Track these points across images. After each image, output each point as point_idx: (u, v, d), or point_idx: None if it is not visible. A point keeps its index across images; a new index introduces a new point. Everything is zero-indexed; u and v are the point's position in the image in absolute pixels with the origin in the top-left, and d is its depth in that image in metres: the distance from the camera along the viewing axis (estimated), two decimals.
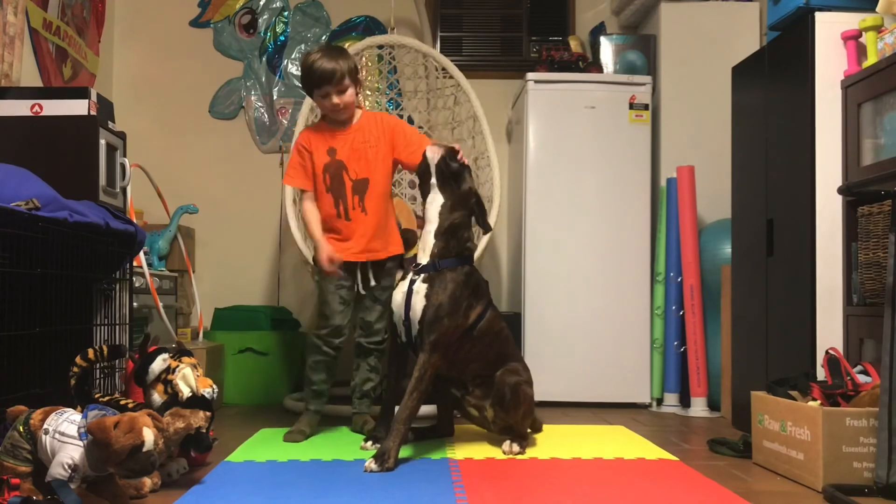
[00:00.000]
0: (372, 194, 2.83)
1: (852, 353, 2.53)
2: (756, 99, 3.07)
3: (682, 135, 3.90)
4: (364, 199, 2.83)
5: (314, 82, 2.76)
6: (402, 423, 2.43)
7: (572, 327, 3.79)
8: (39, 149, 2.73)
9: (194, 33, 4.51)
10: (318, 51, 2.79)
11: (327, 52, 2.78)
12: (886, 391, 2.01)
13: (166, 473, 2.12)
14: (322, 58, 2.74)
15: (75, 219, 2.29)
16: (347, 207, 2.82)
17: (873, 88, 2.48)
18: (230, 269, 4.41)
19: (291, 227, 3.51)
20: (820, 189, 2.65)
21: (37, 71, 3.49)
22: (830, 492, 2.04)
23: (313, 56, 2.76)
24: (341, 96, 2.76)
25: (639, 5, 4.17)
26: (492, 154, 3.80)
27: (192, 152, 4.46)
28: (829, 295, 2.63)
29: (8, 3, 3.11)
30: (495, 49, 4.55)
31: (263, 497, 2.00)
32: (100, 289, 2.68)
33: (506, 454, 2.54)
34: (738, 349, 3.20)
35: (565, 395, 3.68)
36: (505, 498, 2.01)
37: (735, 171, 3.24)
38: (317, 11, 4.54)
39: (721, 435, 2.84)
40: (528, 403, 2.67)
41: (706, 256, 3.66)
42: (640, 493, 2.07)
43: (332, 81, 2.73)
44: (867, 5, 2.65)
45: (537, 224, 3.83)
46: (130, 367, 2.44)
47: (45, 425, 1.80)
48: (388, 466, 2.31)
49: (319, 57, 2.75)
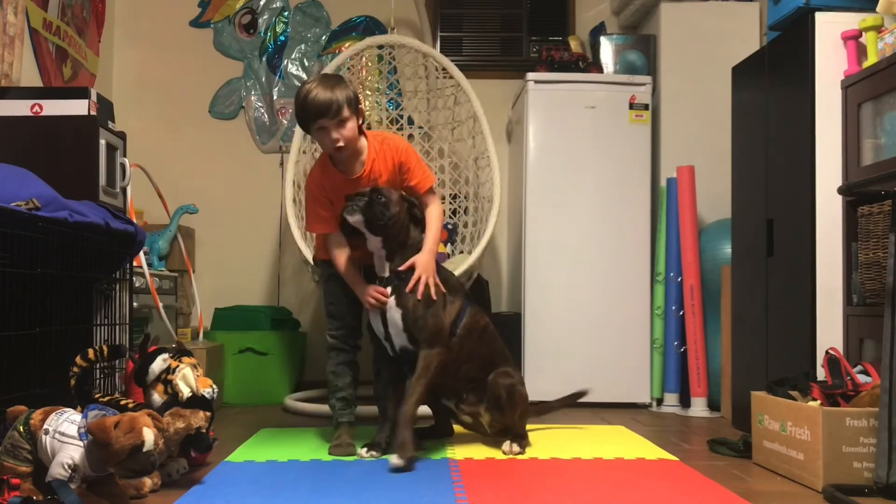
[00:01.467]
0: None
1: (852, 353, 2.53)
2: (756, 99, 3.07)
3: (682, 135, 3.90)
4: None
5: (310, 115, 2.47)
6: (411, 408, 2.43)
7: (572, 327, 3.79)
8: (39, 149, 2.73)
9: (194, 33, 4.51)
10: (313, 80, 2.53)
11: (323, 81, 2.50)
12: (886, 391, 2.01)
13: (166, 473, 2.12)
14: (317, 87, 2.47)
15: (75, 219, 2.29)
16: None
17: (873, 88, 2.48)
18: (230, 269, 4.41)
19: (291, 227, 3.50)
20: (820, 189, 2.65)
21: (37, 71, 3.49)
22: (830, 492, 2.04)
23: (308, 86, 2.49)
24: (340, 130, 2.47)
25: (639, 5, 4.16)
26: (492, 154, 3.80)
27: (192, 152, 4.46)
28: (829, 295, 2.63)
29: (8, 3, 3.11)
30: (495, 49, 4.55)
31: (263, 497, 2.00)
32: (100, 289, 2.68)
33: (506, 454, 2.54)
34: (738, 349, 3.20)
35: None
36: (505, 498, 2.01)
37: (735, 171, 3.24)
38: (317, 11, 4.54)
39: (721, 435, 2.84)
40: (524, 403, 2.67)
41: (706, 256, 3.66)
42: (640, 493, 2.07)
43: (328, 113, 2.45)
44: (867, 5, 2.65)
45: (537, 224, 3.83)
46: (130, 367, 2.43)
47: (45, 425, 1.80)
48: (410, 455, 2.34)
49: (314, 86, 2.47)
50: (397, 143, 2.68)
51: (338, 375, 2.72)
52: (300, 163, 3.78)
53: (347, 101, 2.48)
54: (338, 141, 2.49)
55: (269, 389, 3.82)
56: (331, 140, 2.49)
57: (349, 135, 2.50)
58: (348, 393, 2.72)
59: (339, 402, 2.72)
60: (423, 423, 2.97)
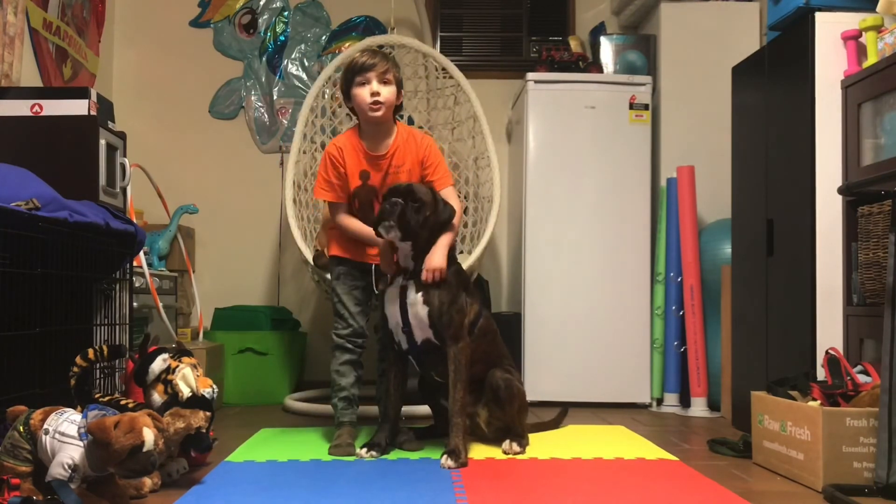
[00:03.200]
0: None
1: (852, 353, 2.53)
2: (756, 99, 3.07)
3: (682, 135, 3.90)
4: None
5: (356, 69, 2.60)
6: (458, 415, 2.46)
7: (572, 327, 3.79)
8: (39, 149, 2.73)
9: (194, 33, 4.51)
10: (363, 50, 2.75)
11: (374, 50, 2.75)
12: (886, 391, 2.01)
13: (166, 473, 2.12)
14: (368, 51, 2.69)
15: (75, 219, 2.29)
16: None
17: (873, 88, 2.48)
18: (230, 269, 4.41)
19: (291, 227, 3.50)
20: (820, 189, 2.65)
21: (37, 71, 3.49)
22: (830, 492, 2.04)
23: (358, 52, 2.71)
24: (382, 87, 2.58)
25: (639, 5, 4.16)
26: (492, 154, 3.80)
27: (192, 152, 4.46)
28: (829, 295, 2.63)
29: (8, 3, 3.11)
30: (495, 49, 4.55)
31: (263, 497, 2.00)
32: (100, 289, 2.68)
33: (506, 454, 2.54)
34: (738, 349, 3.20)
35: (565, 395, 3.67)
36: (505, 498, 2.01)
37: (735, 171, 3.24)
38: (317, 11, 4.54)
39: (721, 435, 2.84)
40: (521, 398, 2.67)
41: (706, 256, 3.66)
42: (640, 493, 2.07)
43: (376, 66, 2.58)
44: (867, 5, 2.65)
45: (537, 224, 3.83)
46: (130, 367, 2.43)
47: (45, 425, 1.80)
48: (462, 461, 2.37)
49: (365, 50, 2.72)
50: (425, 138, 2.76)
51: (342, 375, 2.72)
52: (300, 163, 3.78)
53: (395, 67, 2.66)
54: (377, 95, 2.57)
55: (269, 389, 3.81)
56: (371, 93, 2.57)
57: (388, 96, 2.59)
58: (351, 393, 2.73)
59: (341, 401, 2.73)
60: (423, 424, 2.98)
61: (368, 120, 2.63)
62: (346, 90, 2.66)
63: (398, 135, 2.68)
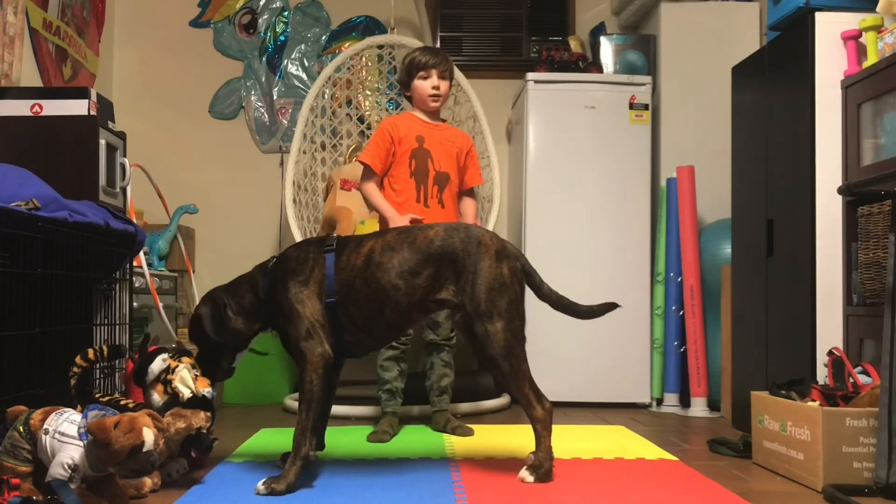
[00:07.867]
0: (450, 192, 2.92)
1: (852, 353, 2.52)
2: (756, 99, 3.07)
3: (682, 135, 3.90)
4: (443, 193, 2.89)
5: (420, 65, 2.89)
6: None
7: (572, 327, 3.75)
8: (39, 149, 2.73)
9: (194, 33, 4.51)
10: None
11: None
12: (886, 391, 2.01)
13: (166, 473, 2.12)
14: (429, 49, 2.99)
15: (75, 219, 2.29)
16: (427, 195, 2.87)
17: (873, 88, 2.48)
18: (230, 269, 4.37)
19: (291, 227, 3.50)
20: (820, 189, 2.65)
21: (37, 71, 3.49)
22: (830, 492, 2.04)
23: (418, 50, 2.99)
24: (441, 81, 2.90)
25: (639, 5, 4.17)
26: (492, 154, 3.81)
27: (192, 152, 4.46)
28: (829, 295, 2.63)
29: (8, 3, 3.11)
30: (495, 49, 4.55)
31: (263, 497, 2.00)
32: (100, 289, 2.68)
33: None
34: (738, 349, 3.20)
35: (565, 395, 3.68)
36: (505, 498, 2.01)
37: (735, 171, 3.24)
38: (317, 11, 4.54)
39: (721, 435, 2.84)
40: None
41: (706, 256, 3.66)
42: (640, 493, 2.07)
43: (442, 64, 2.89)
44: (867, 5, 2.65)
45: (537, 224, 3.83)
46: (130, 367, 2.44)
47: (45, 425, 1.80)
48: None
49: (426, 48, 3.02)
50: (468, 135, 3.10)
51: (385, 369, 2.96)
52: (300, 163, 3.79)
53: (451, 65, 2.97)
54: (437, 89, 2.90)
55: (269, 389, 3.81)
56: (432, 85, 2.89)
57: (445, 91, 2.93)
58: (394, 385, 2.96)
59: (385, 393, 2.96)
60: (422, 423, 2.98)
61: (426, 109, 2.95)
62: (407, 81, 2.96)
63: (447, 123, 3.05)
